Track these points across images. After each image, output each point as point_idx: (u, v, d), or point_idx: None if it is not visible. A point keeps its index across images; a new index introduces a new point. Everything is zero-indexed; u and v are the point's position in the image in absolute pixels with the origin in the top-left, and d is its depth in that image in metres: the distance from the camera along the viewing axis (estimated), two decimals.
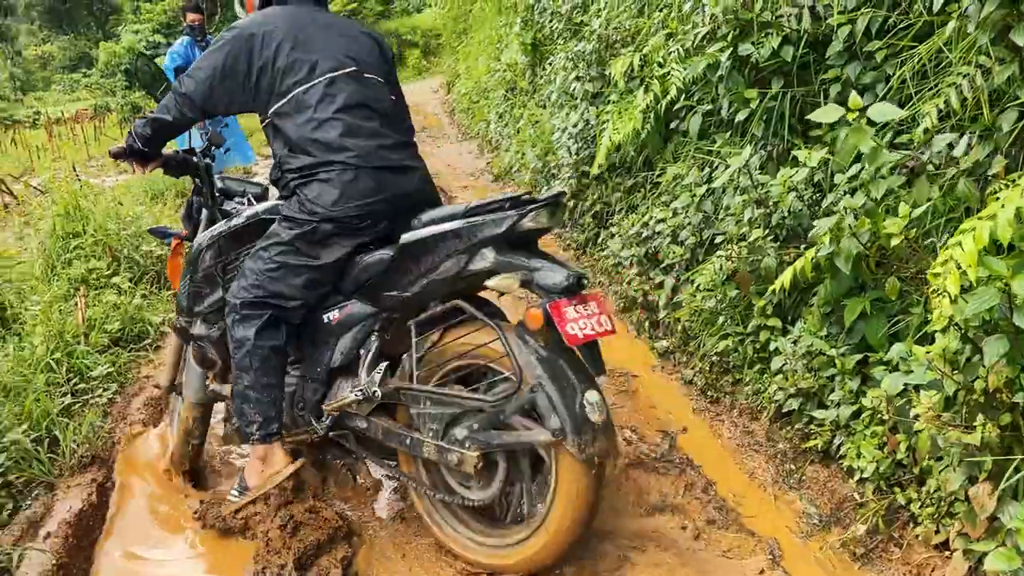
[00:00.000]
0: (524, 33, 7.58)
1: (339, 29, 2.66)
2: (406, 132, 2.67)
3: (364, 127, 2.50)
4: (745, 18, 3.36)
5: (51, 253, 5.10)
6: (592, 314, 2.23)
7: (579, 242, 5.31)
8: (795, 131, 3.37)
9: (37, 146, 14.47)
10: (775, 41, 3.22)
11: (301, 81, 2.50)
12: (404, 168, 2.54)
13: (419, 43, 25.33)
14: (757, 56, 3.30)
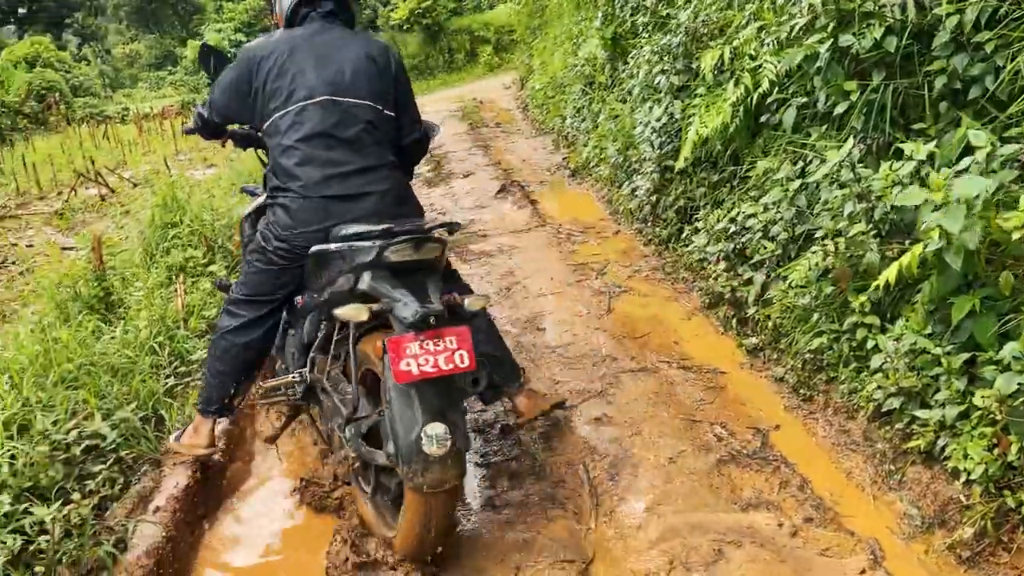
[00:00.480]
0: (604, 28, 7.54)
1: (332, 53, 2.77)
2: (375, 156, 2.72)
3: (319, 156, 2.64)
4: (846, 8, 3.28)
5: (150, 242, 5.32)
6: (445, 350, 2.27)
7: (662, 238, 5.28)
8: (896, 124, 3.28)
9: (128, 140, 15.06)
10: (878, 32, 3.14)
11: (279, 107, 2.70)
12: (359, 195, 2.64)
13: (491, 39, 25.46)
14: (858, 47, 3.22)
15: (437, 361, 2.26)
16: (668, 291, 4.69)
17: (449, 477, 2.30)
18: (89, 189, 9.97)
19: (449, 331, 2.31)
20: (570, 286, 4.91)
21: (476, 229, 6.47)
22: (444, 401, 2.33)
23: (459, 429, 2.33)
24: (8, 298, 5.74)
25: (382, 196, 2.68)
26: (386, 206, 2.67)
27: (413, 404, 2.29)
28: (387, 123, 2.82)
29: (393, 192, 2.73)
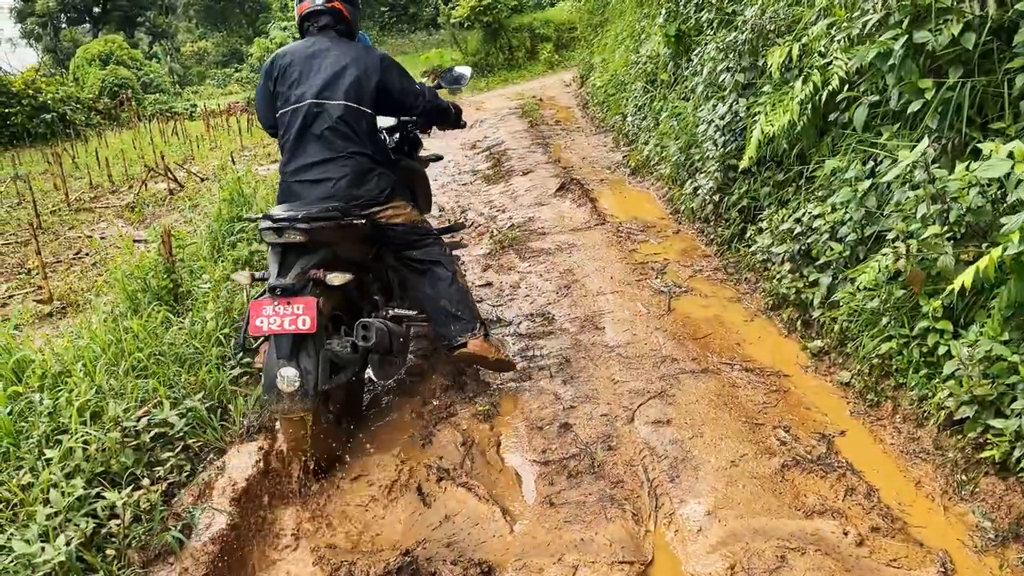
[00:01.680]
0: (668, 24, 7.45)
1: (319, 62, 3.46)
2: (337, 148, 3.37)
3: (296, 150, 3.41)
4: (922, 4, 3.18)
5: (217, 235, 5.45)
6: (292, 314, 2.94)
7: (724, 237, 5.20)
8: (973, 124, 3.18)
9: (196, 136, 15.47)
10: (955, 28, 3.03)
11: (279, 108, 3.50)
12: (318, 181, 3.35)
13: (552, 37, 25.37)
14: (934, 44, 3.12)
15: (283, 322, 2.94)
16: (730, 292, 4.62)
17: (296, 409, 2.98)
18: (159, 183, 10.27)
19: (298, 300, 2.96)
20: (629, 285, 4.88)
21: (536, 227, 6.47)
22: (294, 349, 2.99)
23: (310, 373, 2.99)
24: (82, 287, 5.96)
25: (336, 182, 3.34)
26: (339, 190, 3.34)
27: (271, 351, 3.02)
28: (360, 118, 3.44)
29: (348, 178, 3.36)
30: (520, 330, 4.43)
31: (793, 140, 4.56)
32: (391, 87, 3.54)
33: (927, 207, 2.85)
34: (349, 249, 3.38)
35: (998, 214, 2.73)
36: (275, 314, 2.96)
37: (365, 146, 3.45)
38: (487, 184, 8.65)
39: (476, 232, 6.65)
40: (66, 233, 8.05)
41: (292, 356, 2.99)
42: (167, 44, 50.41)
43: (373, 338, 3.21)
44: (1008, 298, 2.59)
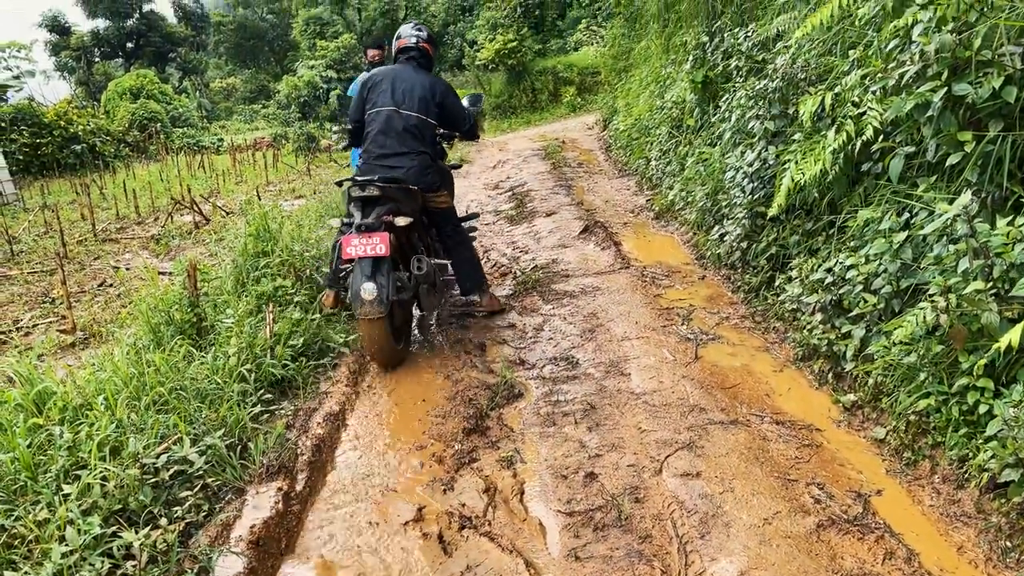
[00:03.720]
0: (695, 71, 7.48)
1: (403, 83, 4.88)
2: (409, 146, 4.77)
3: (378, 139, 4.79)
4: (961, 56, 3.15)
5: (242, 270, 5.45)
6: (372, 243, 4.27)
7: (751, 285, 5.13)
8: (1014, 178, 3.12)
9: (222, 170, 15.65)
10: (996, 81, 3.00)
11: (367, 109, 4.91)
12: (392, 167, 4.70)
13: (575, 80, 25.66)
14: (974, 97, 3.09)
15: (366, 249, 4.28)
16: (758, 341, 4.54)
17: (373, 312, 4.26)
18: (184, 216, 10.37)
19: (375, 234, 4.29)
20: (655, 331, 4.81)
21: (559, 269, 6.43)
22: (374, 270, 4.28)
23: (384, 287, 4.27)
24: (106, 318, 5.97)
25: (407, 170, 4.72)
26: (409, 176, 4.70)
27: (357, 271, 4.32)
28: (427, 127, 4.87)
29: (415, 169, 4.75)
30: (544, 373, 4.37)
31: (824, 189, 4.52)
32: (447, 108, 4.98)
33: (969, 262, 2.78)
34: (407, 207, 4.60)
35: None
36: (360, 244, 4.29)
37: (427, 148, 4.87)
38: (510, 224, 8.65)
39: (499, 273, 6.63)
40: (92, 263, 8.11)
41: (372, 275, 4.27)
42: (197, 80, 51.41)
43: (424, 268, 4.67)
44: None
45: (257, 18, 53.09)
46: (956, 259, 2.90)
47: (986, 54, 3.12)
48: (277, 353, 4.38)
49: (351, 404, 4.21)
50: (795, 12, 5.38)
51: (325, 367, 4.57)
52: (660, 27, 10.48)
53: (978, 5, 3.26)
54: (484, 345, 4.88)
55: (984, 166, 3.15)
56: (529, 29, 26.20)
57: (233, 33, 52.33)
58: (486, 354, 4.76)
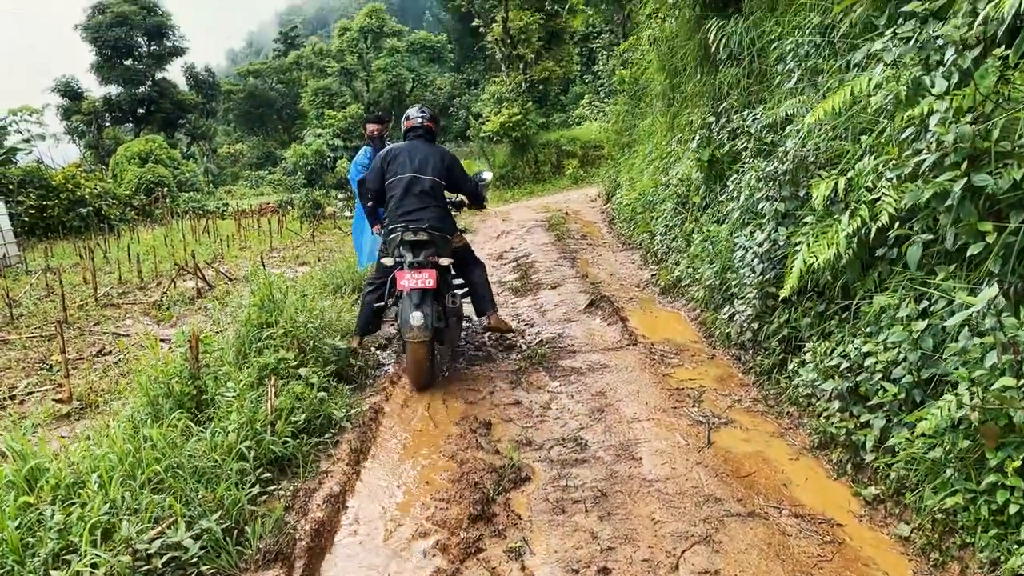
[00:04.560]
0: (701, 150, 7.55)
1: (419, 155, 5.82)
2: (427, 203, 5.67)
3: (402, 201, 5.66)
4: (980, 147, 3.14)
5: (244, 341, 5.37)
6: (421, 278, 5.21)
7: (763, 367, 5.04)
8: None
9: (227, 235, 15.69)
10: (1017, 172, 2.98)
11: (389, 178, 5.79)
12: (417, 219, 5.58)
13: (577, 154, 26.04)
14: (994, 187, 3.06)
15: (415, 283, 5.21)
16: (772, 426, 4.43)
17: (421, 336, 5.17)
18: (187, 281, 10.32)
19: (424, 270, 5.27)
20: (666, 412, 4.70)
21: (565, 344, 6.35)
22: (421, 301, 5.21)
23: (428, 316, 5.19)
24: (103, 387, 5.86)
25: (429, 220, 5.60)
26: (431, 224, 5.57)
27: (407, 301, 5.20)
28: (439, 188, 5.82)
29: (435, 218, 5.65)
30: (551, 455, 4.25)
31: (837, 272, 4.47)
32: (454, 173, 5.97)
33: (997, 357, 2.71)
34: (445, 250, 5.61)
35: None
36: (412, 278, 5.25)
37: (441, 203, 5.85)
38: (515, 296, 8.61)
39: (504, 345, 6.54)
40: (92, 328, 8.02)
41: (419, 305, 5.20)
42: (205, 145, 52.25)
43: (457, 303, 5.85)
44: None
45: (267, 87, 54.32)
46: (982, 352, 2.83)
47: (1005, 145, 3.11)
48: (278, 429, 4.26)
49: (352, 485, 4.07)
50: (804, 96, 5.43)
51: (326, 444, 4.45)
52: (665, 105, 10.63)
53: (995, 97, 3.27)
54: (490, 423, 4.76)
55: (1006, 257, 3.10)
56: (533, 103, 26.71)
57: (243, 101, 53.49)
58: (491, 432, 4.64)
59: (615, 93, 17.75)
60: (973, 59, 3.31)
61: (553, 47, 29.15)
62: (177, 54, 48.36)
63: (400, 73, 40.48)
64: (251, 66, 58.03)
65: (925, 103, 3.38)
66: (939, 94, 3.35)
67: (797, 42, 5.58)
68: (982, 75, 3.32)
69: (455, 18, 44.72)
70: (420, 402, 5.26)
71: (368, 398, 5.33)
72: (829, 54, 5.37)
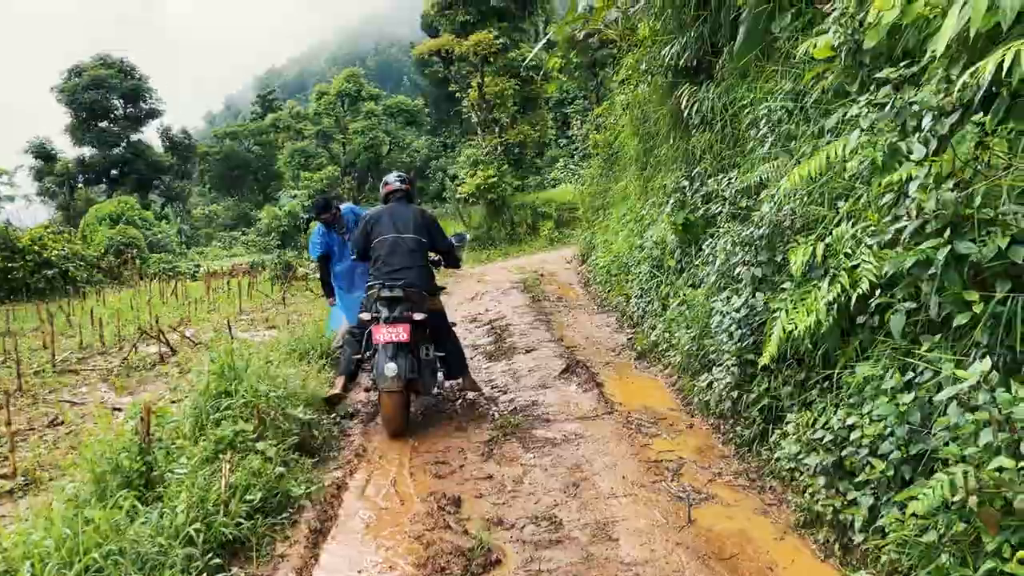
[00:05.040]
0: (676, 213, 7.49)
1: (399, 217, 6.24)
2: (411, 261, 6.03)
3: (387, 260, 5.99)
4: (963, 213, 3.05)
5: (201, 412, 5.11)
6: (395, 332, 5.59)
7: (744, 438, 4.86)
8: None
9: (196, 298, 15.38)
10: (1002, 240, 2.88)
11: (373, 239, 6.14)
12: (400, 278, 5.88)
13: (553, 215, 26.17)
14: (978, 255, 2.96)
15: (390, 336, 5.57)
16: (755, 502, 4.24)
17: (394, 386, 5.52)
18: (150, 346, 10.02)
19: (398, 324, 5.63)
20: (644, 487, 4.50)
21: (540, 412, 6.14)
22: (396, 353, 5.55)
23: (402, 367, 5.52)
24: (50, 461, 5.55)
25: (411, 278, 5.93)
26: (412, 281, 5.92)
27: (382, 354, 5.56)
28: (421, 245, 6.20)
29: (416, 275, 5.99)
30: (524, 535, 4.01)
31: (817, 339, 4.35)
32: (432, 232, 6.40)
33: (992, 435, 2.56)
34: (420, 306, 5.87)
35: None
36: (387, 332, 5.61)
37: (423, 262, 6.23)
38: (488, 361, 8.40)
39: (477, 414, 6.31)
40: (46, 396, 7.69)
41: (394, 357, 5.55)
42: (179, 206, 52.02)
43: (430, 355, 6.11)
44: None
45: (244, 149, 54.44)
46: (975, 429, 2.68)
47: (988, 212, 3.03)
48: (231, 509, 4.00)
49: (308, 571, 3.79)
50: (778, 161, 5.39)
51: (283, 524, 4.18)
52: (639, 169, 10.66)
53: (973, 163, 3.20)
54: (459, 499, 4.51)
55: (993, 327, 2.99)
56: (509, 166, 26.92)
57: (219, 163, 53.49)
58: (461, 510, 4.39)
59: (589, 156, 17.89)
60: (951, 125, 3.25)
61: (528, 111, 29.54)
62: (153, 116, 48.47)
63: (377, 136, 40.74)
64: (228, 128, 58.23)
65: (904, 169, 3.31)
66: (918, 160, 3.28)
67: (770, 108, 5.56)
68: (959, 141, 3.26)
69: (432, 83, 45.39)
70: (386, 476, 5.00)
71: (331, 472, 5.07)
72: (802, 120, 5.35)
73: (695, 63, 7.72)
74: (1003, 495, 2.54)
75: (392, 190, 6.54)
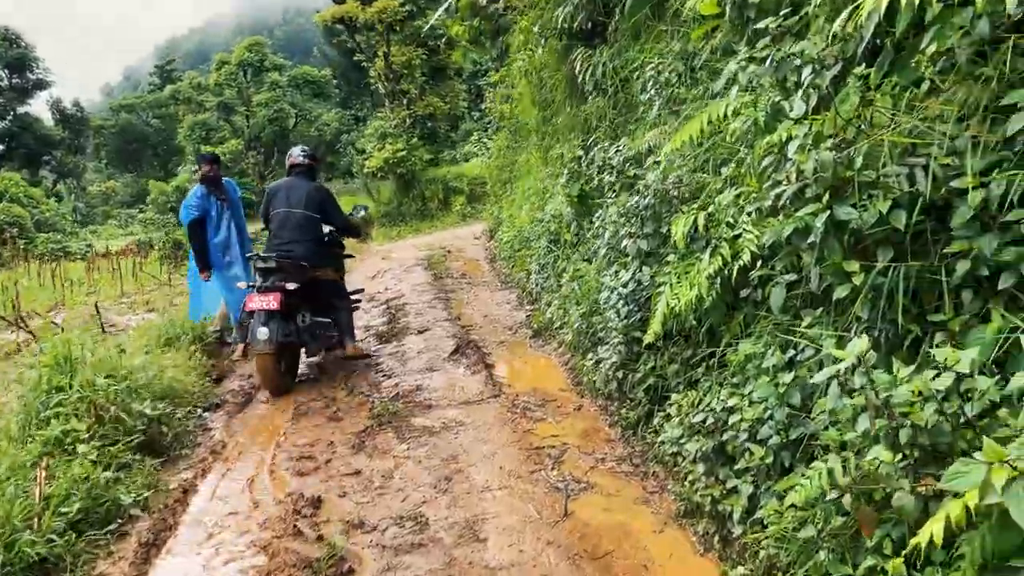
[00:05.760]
0: (571, 185, 7.17)
1: (293, 192, 6.52)
2: (299, 232, 6.36)
3: (278, 233, 6.37)
4: (842, 176, 2.77)
5: (31, 409, 4.53)
6: (266, 300, 5.82)
7: (629, 420, 4.59)
8: (908, 313, 2.70)
9: (72, 280, 14.35)
10: (883, 204, 2.61)
11: (269, 212, 6.55)
12: (288, 250, 6.21)
13: (465, 190, 25.65)
14: (859, 222, 2.69)
15: (262, 304, 5.82)
16: (636, 490, 3.95)
17: (267, 348, 5.81)
18: (10, 333, 9.16)
19: (269, 293, 5.87)
20: (521, 478, 4.16)
21: (422, 398, 5.75)
22: (268, 319, 5.81)
23: (274, 331, 5.80)
24: None
25: (298, 251, 6.22)
26: (300, 255, 6.20)
27: (256, 320, 5.83)
28: (311, 220, 6.48)
29: (304, 249, 6.30)
30: (385, 539, 3.62)
31: (701, 315, 4.08)
32: (326, 207, 6.66)
33: (869, 421, 2.28)
34: (296, 277, 6.12)
35: (957, 434, 2.18)
36: (259, 300, 5.85)
37: (313, 236, 6.52)
38: (379, 343, 7.95)
39: (357, 402, 5.87)
40: None
41: (266, 323, 5.79)
42: (72, 183, 49.22)
43: (307, 322, 6.28)
44: (982, 549, 1.99)
45: (141, 122, 51.83)
46: (853, 414, 2.41)
47: (869, 174, 2.75)
48: (44, 524, 3.47)
49: None
50: (665, 127, 5.09)
51: (108, 538, 3.68)
52: (539, 139, 10.31)
53: (856, 121, 2.93)
54: (319, 500, 4.08)
55: (875, 300, 2.73)
56: (421, 140, 26.23)
57: (115, 137, 50.82)
58: (319, 512, 3.96)
59: (500, 130, 17.44)
60: (832, 79, 2.97)
61: (438, 83, 28.79)
62: (41, 87, 45.58)
63: (282, 108, 39.12)
64: (124, 100, 55.28)
65: (783, 129, 3.01)
66: (797, 118, 2.98)
67: (658, 70, 5.26)
68: (843, 98, 2.98)
69: (341, 53, 43.90)
70: (243, 475, 4.53)
71: (180, 473, 4.57)
72: (690, 82, 5.06)
73: (589, 25, 7.37)
74: (883, 489, 2.28)
75: (294, 164, 6.80)
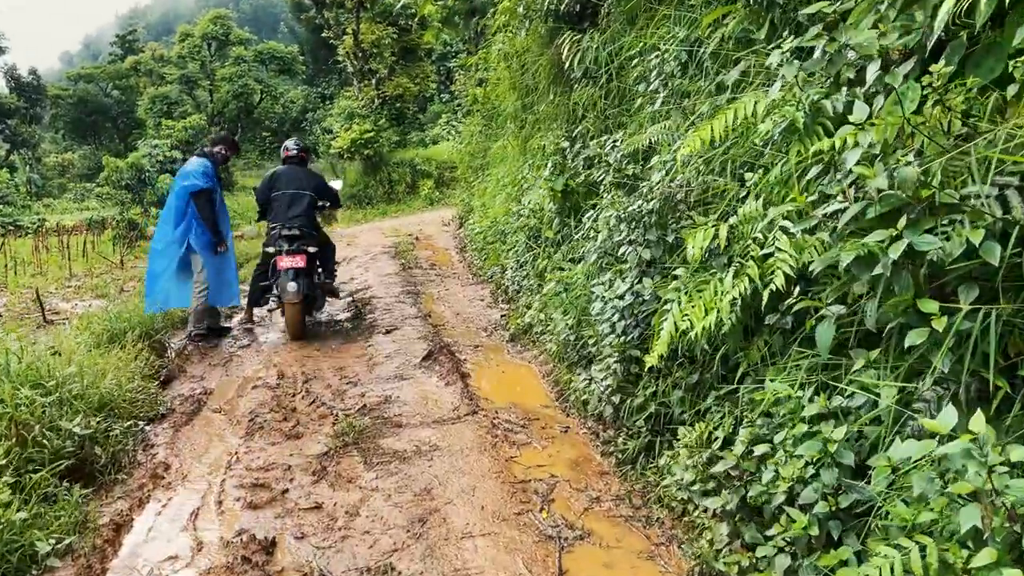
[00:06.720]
0: (554, 178, 6.64)
1: (295, 176, 7.96)
2: (302, 209, 7.67)
3: (286, 210, 7.67)
4: (919, 196, 2.28)
5: None
6: (295, 260, 7.29)
7: (627, 452, 4.10)
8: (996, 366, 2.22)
9: (15, 260, 13.47)
10: (974, 234, 2.12)
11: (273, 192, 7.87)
12: (295, 222, 7.54)
13: (433, 174, 24.98)
14: (940, 254, 2.21)
15: (292, 263, 7.29)
16: (639, 540, 3.46)
17: (295, 299, 7.29)
18: None
19: (296, 255, 7.33)
20: (506, 522, 3.65)
21: (392, 413, 5.20)
22: (296, 275, 7.24)
23: (301, 285, 7.25)
24: None
25: (303, 222, 7.58)
26: (303, 224, 7.57)
27: (285, 277, 7.27)
28: (312, 199, 7.81)
29: (306, 220, 7.62)
30: None
31: (717, 340, 3.59)
32: (320, 188, 7.97)
33: (981, 522, 1.80)
34: (313, 242, 7.53)
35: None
36: (289, 260, 7.22)
37: (312, 211, 7.78)
38: (343, 342, 7.38)
39: (318, 414, 5.31)
40: None
41: (295, 278, 7.16)
42: (27, 154, 47.32)
43: (322, 279, 8.02)
44: None
45: (100, 93, 49.97)
46: (946, 502, 1.93)
47: (949, 196, 2.27)
48: None
49: None
50: (670, 122, 4.58)
51: None
52: (517, 127, 9.74)
53: (925, 128, 2.44)
54: (273, 543, 3.53)
55: (954, 348, 2.25)
56: (388, 120, 25.45)
57: (72, 107, 48.88)
58: (272, 559, 3.42)
59: (470, 113, 16.80)
60: (904, 77, 2.47)
61: (408, 63, 27.93)
62: None
63: (247, 83, 37.84)
64: (83, 69, 53.20)
65: (843, 133, 2.50)
66: (859, 123, 2.48)
67: (661, 59, 4.73)
68: (912, 99, 2.48)
69: (309, 29, 42.65)
70: (186, 506, 3.95)
71: (114, 503, 3.98)
72: (698, 74, 4.56)
73: (578, 7, 6.82)
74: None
75: (289, 155, 8.28)
